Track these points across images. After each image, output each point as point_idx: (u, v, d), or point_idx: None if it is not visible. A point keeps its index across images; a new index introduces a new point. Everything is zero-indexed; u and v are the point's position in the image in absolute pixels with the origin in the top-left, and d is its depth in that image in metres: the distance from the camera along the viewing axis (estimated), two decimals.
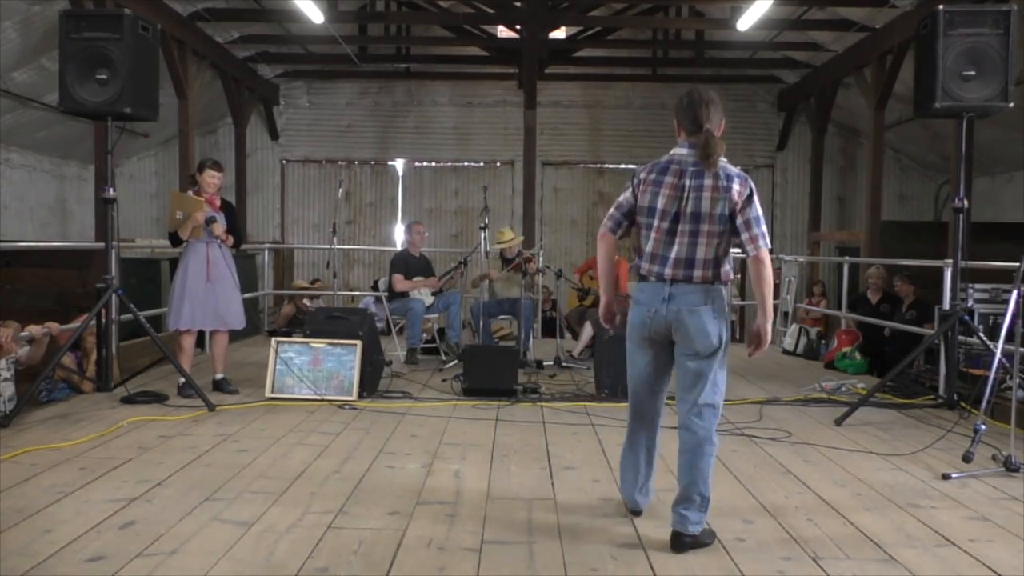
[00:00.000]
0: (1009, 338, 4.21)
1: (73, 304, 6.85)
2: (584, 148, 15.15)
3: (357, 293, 12.62)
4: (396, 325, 7.94)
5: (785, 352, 8.67)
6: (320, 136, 15.12)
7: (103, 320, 5.71)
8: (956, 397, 5.54)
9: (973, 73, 5.16)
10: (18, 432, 4.52)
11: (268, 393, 5.56)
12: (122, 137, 5.74)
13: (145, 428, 4.69)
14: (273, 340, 5.81)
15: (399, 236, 14.85)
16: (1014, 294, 4.11)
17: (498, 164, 15.17)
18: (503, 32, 14.31)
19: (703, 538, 3.02)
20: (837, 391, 6.16)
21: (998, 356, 4.27)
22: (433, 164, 15.21)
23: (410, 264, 7.76)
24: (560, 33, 14.26)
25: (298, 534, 3.06)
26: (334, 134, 15.10)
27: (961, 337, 5.61)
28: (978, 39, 5.15)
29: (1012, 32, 5.13)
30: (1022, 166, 12.11)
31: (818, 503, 3.55)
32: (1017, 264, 4.19)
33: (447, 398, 5.77)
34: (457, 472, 3.96)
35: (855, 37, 11.29)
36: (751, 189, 3.03)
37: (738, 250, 3.10)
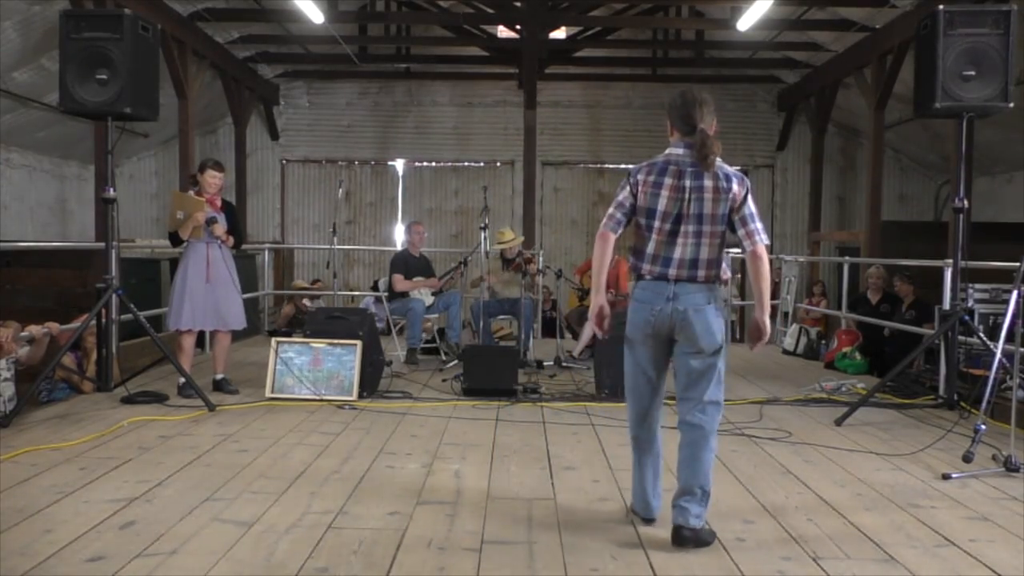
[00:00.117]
0: (1009, 338, 4.21)
1: (73, 304, 6.85)
2: (584, 148, 15.16)
3: (357, 293, 12.63)
4: (396, 325, 7.94)
5: (785, 352, 8.67)
6: (320, 136, 15.12)
7: (103, 320, 5.71)
8: (956, 397, 5.54)
9: (973, 73, 5.16)
10: (18, 432, 4.52)
11: (268, 393, 5.56)
12: (122, 137, 5.74)
13: (145, 428, 4.69)
14: (273, 340, 5.80)
15: (399, 236, 14.86)
16: (1014, 294, 4.11)
17: (498, 164, 15.17)
18: (503, 32, 14.31)
19: (704, 536, 3.01)
20: (837, 391, 6.16)
21: (998, 356, 4.27)
22: (433, 164, 15.22)
23: (410, 264, 7.76)
24: (560, 33, 14.26)
25: (298, 534, 3.06)
26: (334, 134, 15.10)
27: (961, 337, 5.60)
28: (978, 39, 5.15)
29: (1012, 32, 5.13)
30: (1022, 166, 12.11)
31: (818, 503, 3.55)
32: (1017, 264, 4.19)
33: (447, 398, 5.77)
34: (457, 472, 3.96)
35: (855, 37, 11.30)
36: (747, 187, 3.09)
37: (736, 250, 3.10)
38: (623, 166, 14.90)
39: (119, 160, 12.56)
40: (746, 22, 10.49)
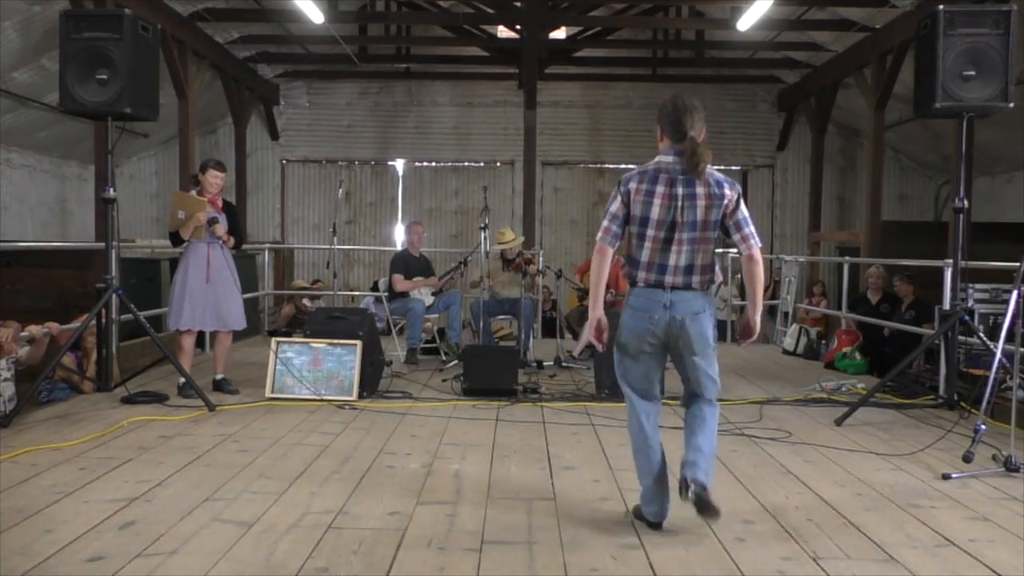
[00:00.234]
0: (1009, 338, 4.21)
1: (73, 304, 6.84)
2: (584, 148, 15.16)
3: (357, 293, 12.63)
4: (396, 325, 7.94)
5: (785, 352, 8.67)
6: (320, 136, 15.12)
7: (103, 320, 5.71)
8: (956, 397, 5.53)
9: (973, 73, 5.16)
10: (18, 432, 4.52)
11: (268, 393, 5.56)
12: (122, 137, 5.74)
13: (145, 428, 4.69)
14: (273, 340, 5.81)
15: (399, 236, 14.86)
16: (1014, 294, 4.11)
17: (498, 164, 15.17)
18: (503, 32, 14.31)
19: (712, 498, 2.96)
20: (837, 391, 6.16)
21: (998, 356, 4.27)
22: (433, 164, 15.22)
23: (410, 264, 7.76)
24: (560, 33, 14.27)
25: (298, 534, 3.06)
26: (334, 134, 15.10)
27: (961, 337, 5.61)
28: (978, 39, 5.15)
29: (1012, 32, 5.13)
30: (1022, 166, 12.11)
31: (818, 503, 3.55)
32: (1017, 264, 4.18)
33: (447, 398, 5.77)
34: (457, 472, 3.96)
35: (855, 37, 11.29)
36: (739, 192, 3.15)
37: (734, 250, 3.18)
38: (623, 166, 14.89)
39: (119, 160, 12.54)
40: (746, 22, 10.49)
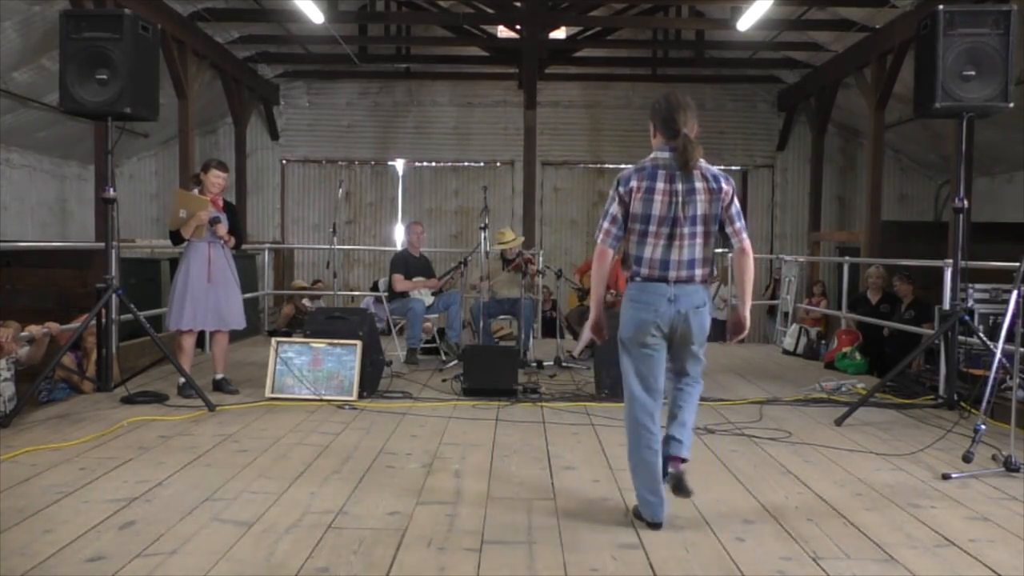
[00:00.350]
0: (1009, 338, 4.21)
1: (73, 304, 6.84)
2: (584, 148, 15.15)
3: (357, 293, 12.63)
4: (396, 325, 7.94)
5: (785, 352, 8.67)
6: (320, 136, 15.12)
7: (103, 320, 5.71)
8: (956, 397, 5.53)
9: (973, 73, 5.16)
10: (18, 432, 4.52)
11: (268, 393, 5.56)
12: (122, 137, 5.74)
13: (145, 428, 4.69)
14: (273, 340, 5.80)
15: (399, 236, 14.86)
16: (1014, 294, 4.11)
17: (498, 164, 15.17)
18: (503, 32, 14.31)
19: (687, 481, 3.16)
20: (837, 391, 6.16)
21: (998, 356, 4.27)
22: (433, 164, 15.22)
23: (410, 264, 7.76)
24: (560, 33, 14.27)
25: (298, 534, 3.06)
26: (334, 134, 15.10)
27: (961, 337, 5.60)
28: (978, 39, 5.15)
29: (1012, 32, 5.13)
30: (1022, 166, 12.11)
31: (818, 503, 3.55)
32: (1017, 264, 4.18)
33: (447, 398, 5.77)
34: (457, 472, 3.96)
35: (855, 37, 11.29)
36: (733, 186, 3.24)
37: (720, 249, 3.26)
38: (623, 166, 14.75)
39: (119, 160, 12.55)
40: (746, 22, 10.49)
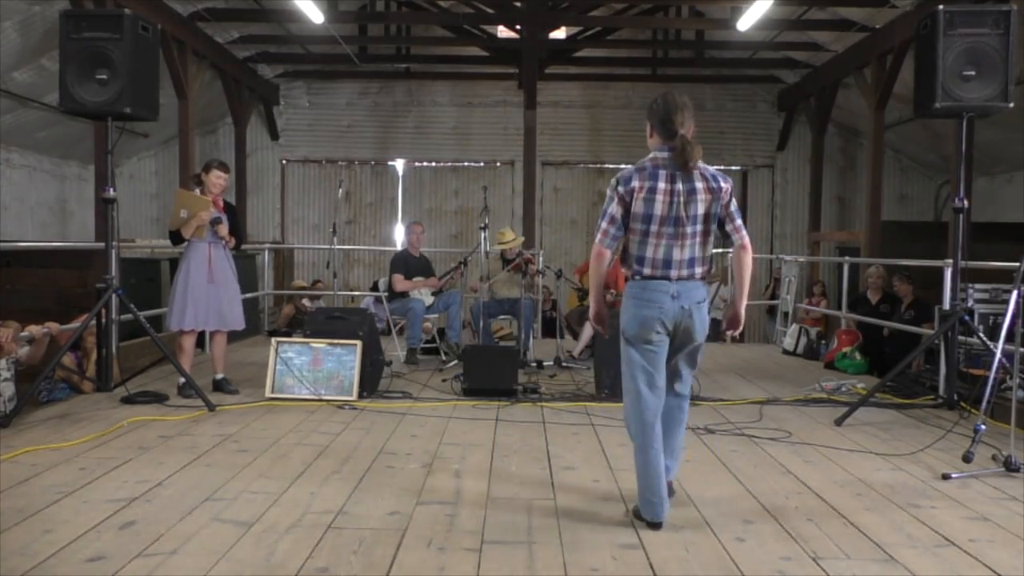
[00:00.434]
0: (1009, 338, 4.20)
1: (73, 304, 6.85)
2: (584, 148, 15.15)
3: (357, 293, 12.63)
4: (396, 325, 7.94)
5: (785, 352, 8.67)
6: (320, 136, 15.12)
7: (103, 320, 5.71)
8: (956, 397, 5.53)
9: (973, 73, 5.16)
10: (18, 432, 4.52)
11: (268, 393, 5.56)
12: (122, 137, 5.74)
13: (145, 428, 4.69)
14: (273, 340, 5.80)
15: (399, 236, 14.86)
16: (1014, 294, 4.11)
17: (498, 164, 15.17)
18: (503, 32, 14.31)
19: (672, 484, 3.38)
20: (837, 391, 6.16)
21: (998, 356, 4.27)
22: (433, 164, 15.22)
23: (410, 264, 7.76)
24: (560, 33, 14.27)
25: (298, 534, 3.06)
26: (334, 134, 15.10)
27: (961, 337, 5.60)
28: (978, 39, 5.15)
29: (1012, 32, 5.13)
30: (1022, 166, 12.11)
31: (818, 503, 3.55)
32: (1017, 264, 4.18)
33: (447, 398, 5.77)
34: (457, 472, 3.96)
35: (855, 37, 11.29)
36: (731, 184, 3.29)
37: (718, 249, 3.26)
38: (623, 166, 14.79)
39: (119, 160, 12.57)
40: (746, 22, 10.49)
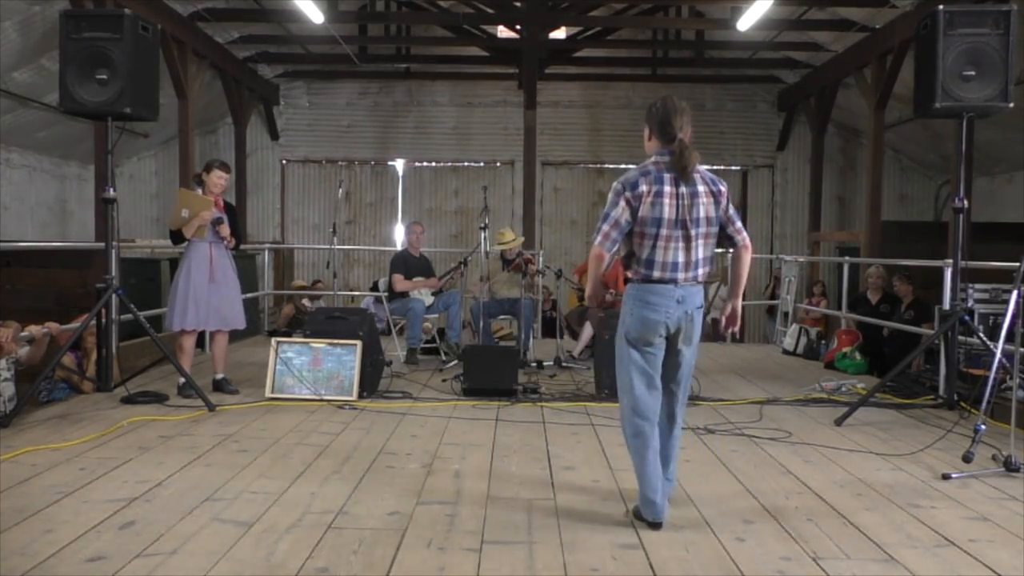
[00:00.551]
0: (1009, 338, 4.20)
1: (73, 304, 6.84)
2: (584, 148, 15.16)
3: (357, 293, 12.63)
4: (396, 325, 7.94)
5: (785, 352, 8.67)
6: (320, 136, 15.13)
7: (103, 320, 5.71)
8: (956, 397, 5.53)
9: (973, 73, 5.16)
10: (18, 432, 4.52)
11: (268, 393, 5.56)
12: (122, 137, 5.74)
13: (145, 428, 4.69)
14: (273, 340, 5.80)
15: (399, 236, 14.87)
16: (1014, 294, 4.11)
17: (498, 164, 15.17)
18: (503, 32, 14.31)
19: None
20: (837, 391, 6.16)
21: (998, 356, 4.27)
22: (433, 164, 15.22)
23: (410, 264, 7.76)
24: (560, 33, 14.27)
25: (298, 534, 3.06)
26: (334, 134, 15.10)
27: (961, 337, 5.60)
28: (978, 39, 5.15)
29: (1012, 32, 5.13)
30: (1022, 166, 12.11)
31: (818, 503, 3.55)
32: (1017, 264, 4.18)
33: (447, 398, 5.77)
34: (457, 472, 3.96)
35: (855, 37, 11.29)
36: (727, 187, 3.35)
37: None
38: (623, 166, 14.84)
39: (119, 160, 12.56)
40: (746, 22, 10.49)
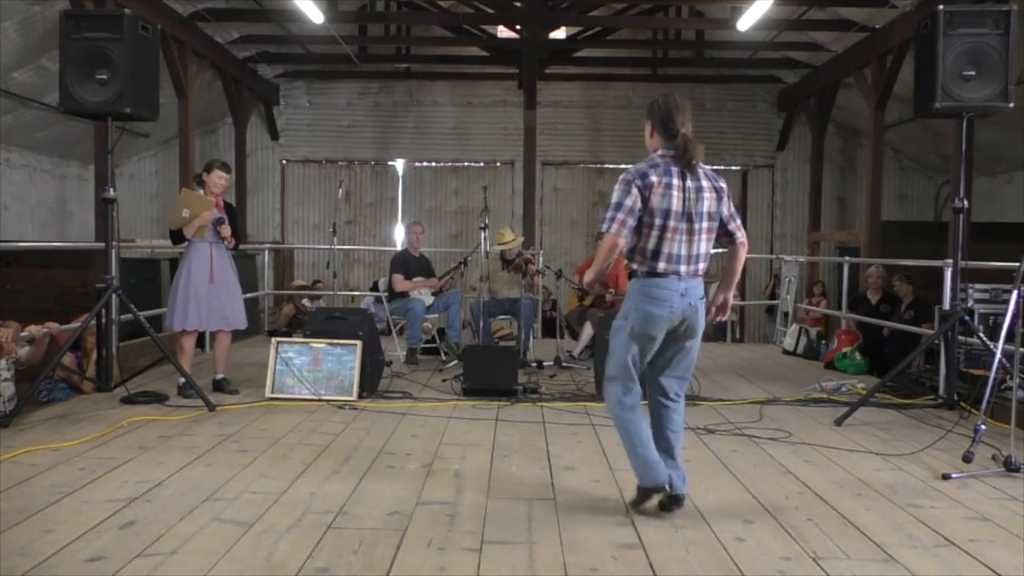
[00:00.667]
0: (1009, 338, 4.21)
1: (73, 304, 6.84)
2: (584, 148, 15.15)
3: (357, 293, 12.63)
4: (396, 325, 7.94)
5: (785, 352, 8.67)
6: (320, 136, 15.13)
7: (103, 320, 5.71)
8: (956, 397, 5.53)
9: (973, 73, 5.16)
10: (18, 432, 4.52)
11: (268, 393, 5.56)
12: (122, 137, 5.74)
13: (145, 428, 4.69)
14: (273, 340, 5.80)
15: (399, 236, 14.87)
16: (1014, 294, 4.11)
17: (498, 164, 15.17)
18: (503, 32, 14.32)
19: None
20: (837, 391, 6.16)
21: (998, 356, 4.27)
22: (433, 164, 15.22)
23: (410, 264, 7.76)
24: (560, 33, 14.27)
25: (298, 534, 3.06)
26: (334, 134, 15.11)
27: (961, 337, 5.61)
28: (978, 39, 5.15)
29: (1012, 32, 5.13)
30: (1022, 166, 12.11)
31: (818, 503, 3.55)
32: (1017, 264, 4.18)
33: (447, 398, 5.77)
34: (457, 472, 3.96)
35: (855, 37, 11.30)
36: (727, 185, 3.43)
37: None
38: (623, 166, 14.74)
39: (119, 160, 12.56)
40: (746, 22, 10.49)
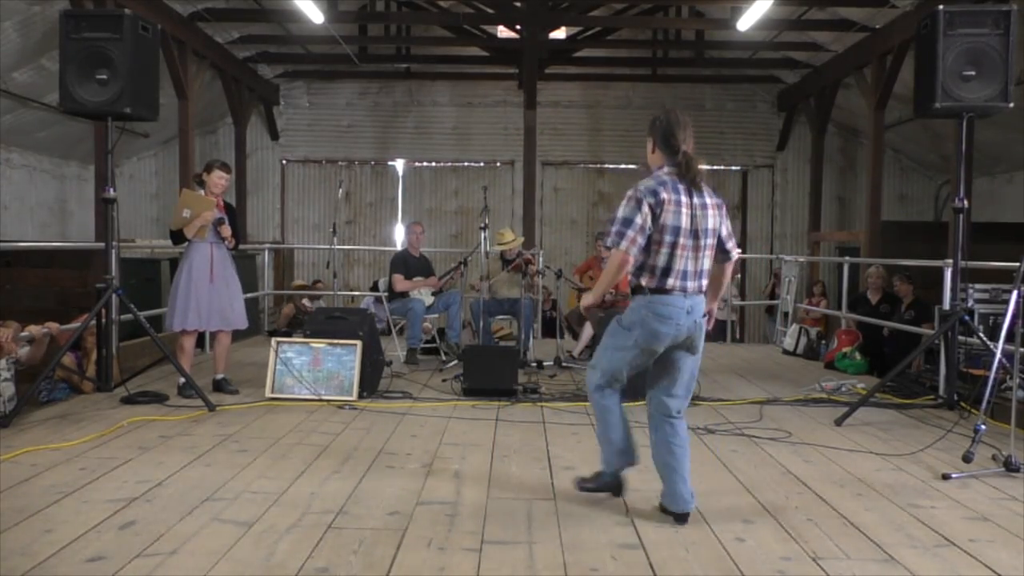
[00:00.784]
0: (1009, 338, 4.21)
1: (73, 304, 6.85)
2: (584, 148, 15.14)
3: (357, 293, 12.63)
4: (396, 325, 7.94)
5: (785, 352, 8.67)
6: (320, 136, 15.13)
7: (103, 320, 5.71)
8: (956, 397, 5.53)
9: (973, 73, 5.16)
10: (18, 432, 4.52)
11: (268, 393, 5.56)
12: (122, 137, 5.74)
13: (145, 428, 4.69)
14: (273, 340, 5.80)
15: (399, 236, 14.87)
16: (1014, 294, 4.11)
17: (498, 164, 15.17)
18: (503, 32, 14.31)
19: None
20: (837, 391, 6.16)
21: (998, 356, 4.27)
22: (433, 164, 15.22)
23: (410, 264, 7.76)
24: (560, 33, 14.27)
25: (298, 534, 3.06)
26: (334, 134, 15.11)
27: (961, 337, 5.61)
28: (978, 39, 5.15)
29: (1012, 32, 5.13)
30: (1022, 166, 12.11)
31: (818, 503, 3.55)
32: (1017, 264, 4.19)
33: (447, 398, 5.77)
34: (457, 472, 3.96)
35: (855, 37, 11.30)
36: (724, 201, 3.46)
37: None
38: (623, 166, 14.89)
39: (119, 160, 12.56)
40: (746, 22, 10.49)
